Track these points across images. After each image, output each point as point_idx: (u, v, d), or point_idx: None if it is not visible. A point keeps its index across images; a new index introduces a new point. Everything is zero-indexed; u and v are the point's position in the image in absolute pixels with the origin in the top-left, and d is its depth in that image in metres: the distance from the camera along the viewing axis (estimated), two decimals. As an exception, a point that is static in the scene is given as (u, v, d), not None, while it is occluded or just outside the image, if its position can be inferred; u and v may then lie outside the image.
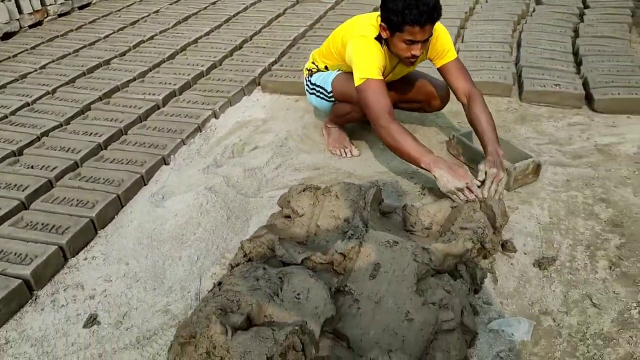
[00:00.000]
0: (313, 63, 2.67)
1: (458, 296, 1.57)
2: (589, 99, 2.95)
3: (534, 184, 2.33)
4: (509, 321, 1.67)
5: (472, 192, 2.01)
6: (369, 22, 2.29)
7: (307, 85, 2.69)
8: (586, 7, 4.31)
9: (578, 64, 3.36)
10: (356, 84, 2.21)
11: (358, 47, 2.24)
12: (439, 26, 2.30)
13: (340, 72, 2.51)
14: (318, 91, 2.61)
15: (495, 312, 1.72)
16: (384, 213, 2.05)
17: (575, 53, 3.50)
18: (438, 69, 2.39)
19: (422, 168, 2.12)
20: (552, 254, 1.94)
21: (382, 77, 2.22)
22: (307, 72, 2.70)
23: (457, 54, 2.40)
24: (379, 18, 2.21)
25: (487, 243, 1.82)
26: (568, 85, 3.00)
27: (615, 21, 3.93)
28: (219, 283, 1.57)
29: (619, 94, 2.87)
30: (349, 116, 2.54)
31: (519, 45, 3.63)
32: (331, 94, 2.53)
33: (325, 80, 2.55)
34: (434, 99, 2.56)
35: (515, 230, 2.07)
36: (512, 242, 1.99)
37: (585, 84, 3.04)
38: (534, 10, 4.32)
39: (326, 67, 2.59)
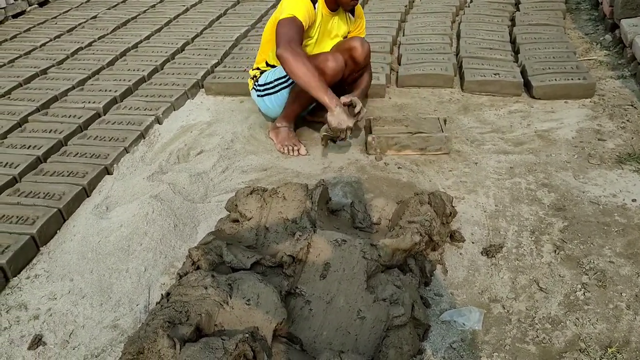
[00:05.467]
0: (254, 69, 2.72)
1: (408, 290, 1.58)
2: (527, 86, 3.03)
3: (478, 173, 2.37)
4: (460, 311, 1.69)
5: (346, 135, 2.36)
6: None
7: (257, 90, 2.70)
8: (522, -4, 4.43)
9: (516, 52, 3.44)
10: (282, 17, 2.37)
11: (289, 1, 2.42)
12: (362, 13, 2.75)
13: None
14: (272, 86, 2.63)
15: (447, 303, 1.75)
16: (332, 211, 2.05)
17: (513, 42, 3.59)
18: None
19: (317, 99, 2.34)
20: (499, 242, 1.98)
21: (304, 23, 2.39)
22: (252, 81, 2.72)
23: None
24: None
25: (435, 235, 1.84)
26: (507, 74, 3.08)
27: (549, 9, 4.05)
28: (167, 294, 1.53)
29: (555, 80, 2.96)
30: (307, 79, 2.34)
31: (458, 37, 3.70)
32: (286, 75, 2.53)
33: (272, 71, 2.60)
34: (354, 49, 2.60)
35: (463, 220, 2.10)
36: (460, 232, 2.02)
37: (523, 72, 3.13)
38: (471, 1, 4.40)
39: (266, 63, 2.63)
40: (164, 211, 2.13)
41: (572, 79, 2.95)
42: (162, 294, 1.54)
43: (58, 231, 2.15)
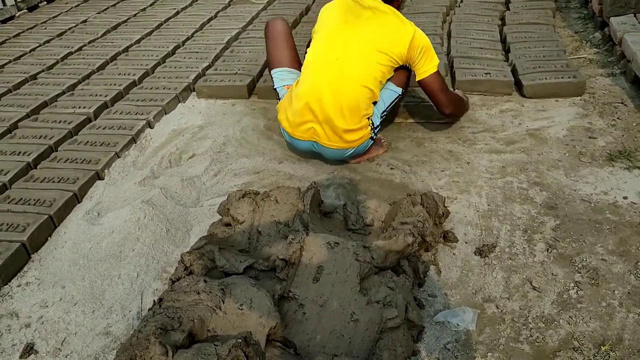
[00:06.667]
0: (362, 121, 2.37)
1: (402, 292, 1.58)
2: (518, 85, 3.04)
3: (471, 172, 2.38)
4: (454, 312, 1.69)
5: None
6: (384, 9, 2.36)
7: (374, 130, 2.45)
8: (512, -5, 4.44)
9: (506, 51, 3.45)
10: (434, 71, 2.41)
11: (425, 38, 2.41)
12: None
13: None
14: (386, 112, 2.51)
15: (441, 304, 1.75)
16: (325, 213, 2.05)
17: (503, 41, 3.60)
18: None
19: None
20: (491, 241, 1.99)
21: None
22: (365, 131, 2.40)
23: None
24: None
25: (428, 236, 1.84)
26: (498, 73, 3.08)
27: (539, 7, 4.06)
28: (160, 300, 1.52)
29: (546, 79, 2.97)
30: None
31: (449, 36, 3.70)
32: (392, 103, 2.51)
33: (382, 104, 2.45)
34: None
35: (456, 220, 2.10)
36: (453, 232, 2.02)
37: (514, 71, 3.13)
38: (461, 1, 4.41)
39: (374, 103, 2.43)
40: (156, 216, 2.13)
41: (562, 78, 2.95)
42: (154, 300, 1.53)
43: (49, 238, 2.14)
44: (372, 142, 2.48)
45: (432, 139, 2.67)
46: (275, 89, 2.60)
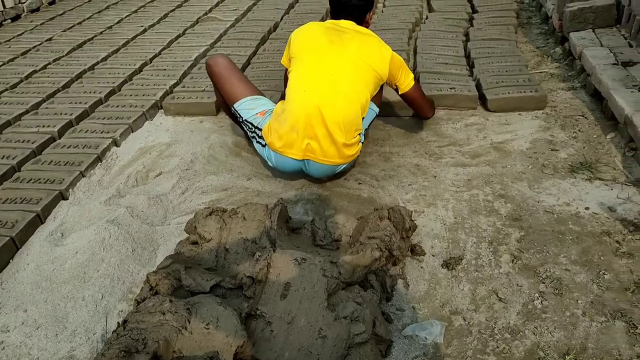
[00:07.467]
0: (353, 138, 2.37)
1: (369, 307, 1.58)
2: (483, 100, 3.10)
3: (437, 186, 2.41)
4: (422, 325, 1.70)
5: None
6: (362, 31, 2.44)
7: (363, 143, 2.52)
8: (475, 11, 4.53)
9: (471, 66, 3.52)
10: (413, 84, 2.56)
11: (399, 56, 2.48)
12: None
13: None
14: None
15: (409, 318, 1.75)
16: (293, 229, 2.05)
17: (468, 56, 3.67)
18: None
19: None
20: (458, 253, 2.01)
21: None
22: (354, 149, 2.41)
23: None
24: (353, 18, 2.45)
25: (395, 250, 1.86)
26: (463, 87, 3.14)
27: (502, 24, 4.16)
28: (124, 322, 1.49)
29: (509, 93, 3.03)
30: None
31: (415, 52, 3.76)
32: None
33: (367, 119, 2.52)
34: None
35: (423, 234, 2.12)
36: (421, 246, 2.04)
37: (478, 86, 3.20)
38: (427, 18, 4.50)
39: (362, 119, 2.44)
40: (122, 235, 2.09)
41: (524, 92, 3.03)
42: (118, 322, 1.50)
43: (11, 260, 2.08)
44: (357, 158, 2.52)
45: (399, 154, 2.70)
46: (244, 122, 2.53)
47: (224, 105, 2.67)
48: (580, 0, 3.71)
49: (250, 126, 2.50)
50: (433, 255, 2.01)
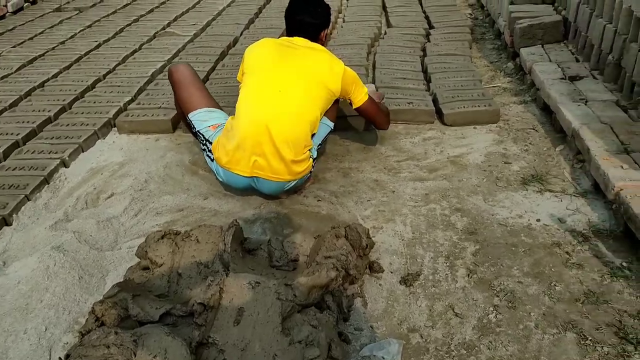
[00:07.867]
0: (303, 154, 2.36)
1: (325, 329, 1.55)
2: (439, 114, 3.13)
3: (396, 201, 2.41)
4: (380, 344, 1.68)
5: None
6: (314, 47, 2.44)
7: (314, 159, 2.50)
8: (431, 27, 4.60)
9: (428, 81, 3.56)
10: (367, 97, 2.55)
11: (352, 71, 2.51)
12: None
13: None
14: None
15: (367, 337, 1.73)
16: (249, 251, 2.00)
17: (425, 71, 3.71)
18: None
19: None
20: (416, 269, 2.00)
21: None
22: (308, 163, 2.41)
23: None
24: (307, 35, 2.45)
25: (352, 269, 1.83)
26: (420, 102, 3.17)
27: (457, 39, 4.23)
28: (67, 356, 1.42)
29: (464, 107, 3.08)
30: None
31: (374, 67, 3.78)
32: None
33: (319, 135, 2.51)
34: None
35: (382, 250, 2.11)
36: (379, 263, 2.02)
37: (435, 100, 3.23)
38: (385, 33, 4.54)
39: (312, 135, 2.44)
40: (68, 263, 2.00)
41: (478, 106, 3.07)
42: (59, 358, 1.42)
43: (-52, 293, 1.97)
44: (310, 174, 2.48)
45: (358, 169, 2.70)
46: (196, 133, 2.51)
47: (183, 115, 2.64)
48: (530, 17, 3.81)
49: (202, 138, 2.49)
50: (391, 272, 2.00)
